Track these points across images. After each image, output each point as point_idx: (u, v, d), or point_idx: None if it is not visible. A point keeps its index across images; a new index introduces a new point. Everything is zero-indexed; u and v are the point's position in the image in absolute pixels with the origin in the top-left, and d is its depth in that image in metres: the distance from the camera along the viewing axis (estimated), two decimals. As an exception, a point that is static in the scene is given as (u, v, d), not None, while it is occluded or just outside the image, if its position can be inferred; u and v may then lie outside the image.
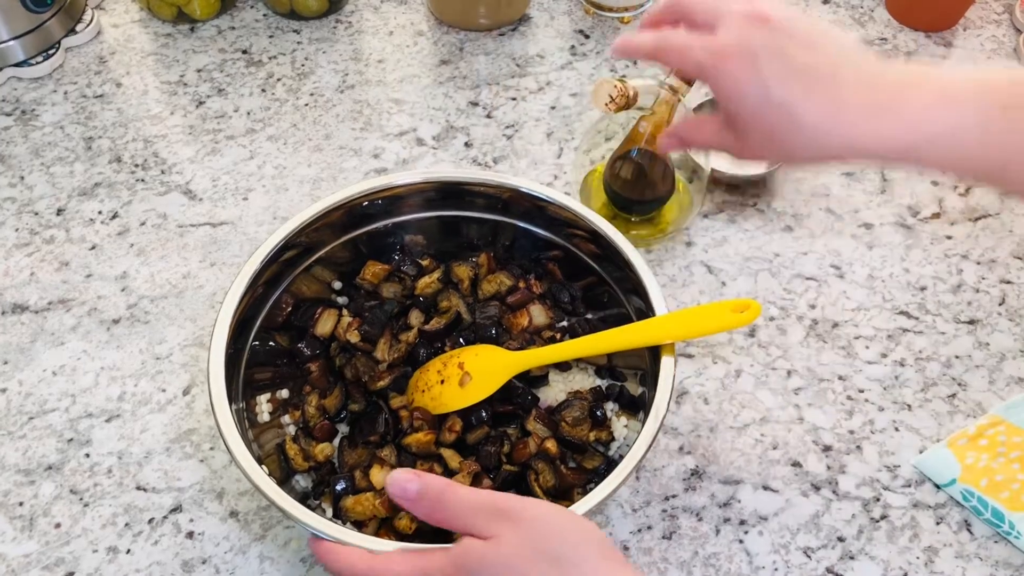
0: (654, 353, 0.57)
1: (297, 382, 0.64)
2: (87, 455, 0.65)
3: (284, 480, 0.59)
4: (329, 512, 0.58)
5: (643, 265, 0.60)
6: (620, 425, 0.63)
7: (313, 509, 0.51)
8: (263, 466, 0.52)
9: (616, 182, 0.75)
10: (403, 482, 0.45)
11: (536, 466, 0.58)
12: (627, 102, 0.66)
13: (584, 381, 0.65)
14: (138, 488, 0.64)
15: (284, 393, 0.64)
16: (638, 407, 0.61)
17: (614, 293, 0.64)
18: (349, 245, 0.67)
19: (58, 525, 0.62)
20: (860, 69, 0.48)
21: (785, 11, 0.50)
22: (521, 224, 0.67)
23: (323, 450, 0.60)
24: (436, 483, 0.45)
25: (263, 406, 0.62)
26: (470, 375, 0.60)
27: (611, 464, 0.58)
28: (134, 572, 0.60)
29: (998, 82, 0.47)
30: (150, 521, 0.62)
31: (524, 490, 0.58)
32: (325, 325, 0.65)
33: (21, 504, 0.63)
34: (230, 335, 0.57)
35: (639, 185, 0.76)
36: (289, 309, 0.64)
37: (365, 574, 0.45)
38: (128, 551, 0.61)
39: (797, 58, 0.48)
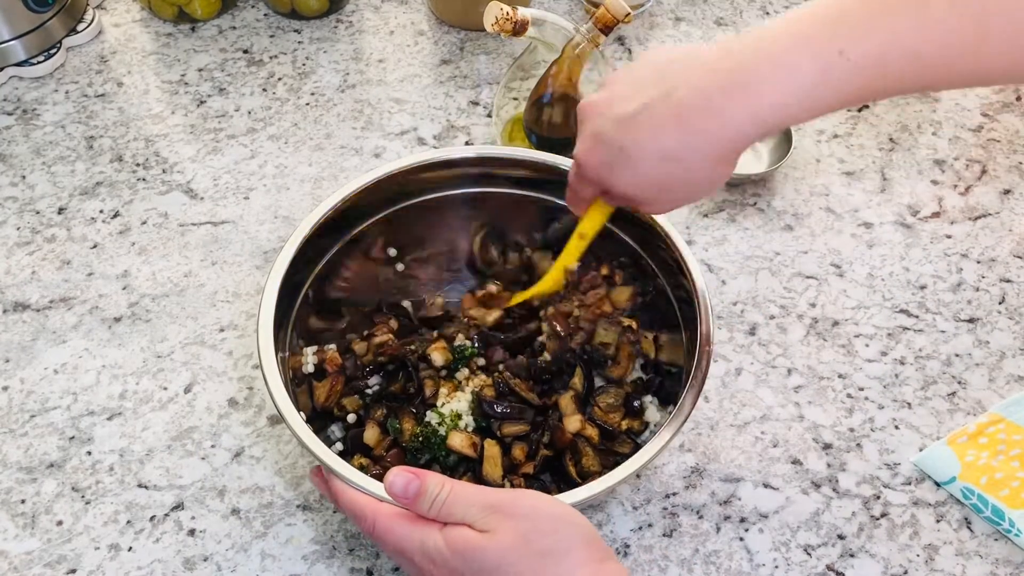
0: (691, 351, 0.58)
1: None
2: (89, 453, 0.65)
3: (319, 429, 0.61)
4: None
5: (679, 239, 0.62)
6: (654, 413, 0.63)
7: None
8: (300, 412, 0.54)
9: (537, 126, 0.78)
10: (404, 482, 0.47)
11: (582, 448, 0.59)
12: (514, 27, 0.70)
13: (632, 373, 0.66)
14: (140, 486, 0.64)
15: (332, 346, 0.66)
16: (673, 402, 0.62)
17: (644, 263, 0.66)
18: (398, 215, 0.68)
19: (60, 523, 0.62)
20: (689, 81, 0.46)
21: (609, 81, 0.51)
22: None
23: (352, 402, 0.62)
24: (435, 481, 0.47)
25: (309, 358, 0.63)
26: None
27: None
28: (136, 570, 0.60)
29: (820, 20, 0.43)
30: (152, 519, 0.62)
31: (560, 472, 0.60)
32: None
33: (23, 502, 0.63)
34: (284, 277, 0.59)
35: (558, 127, 0.77)
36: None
37: (368, 526, 0.47)
38: (130, 548, 0.61)
39: (627, 109, 0.48)
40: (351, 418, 0.62)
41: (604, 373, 0.65)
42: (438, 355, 0.63)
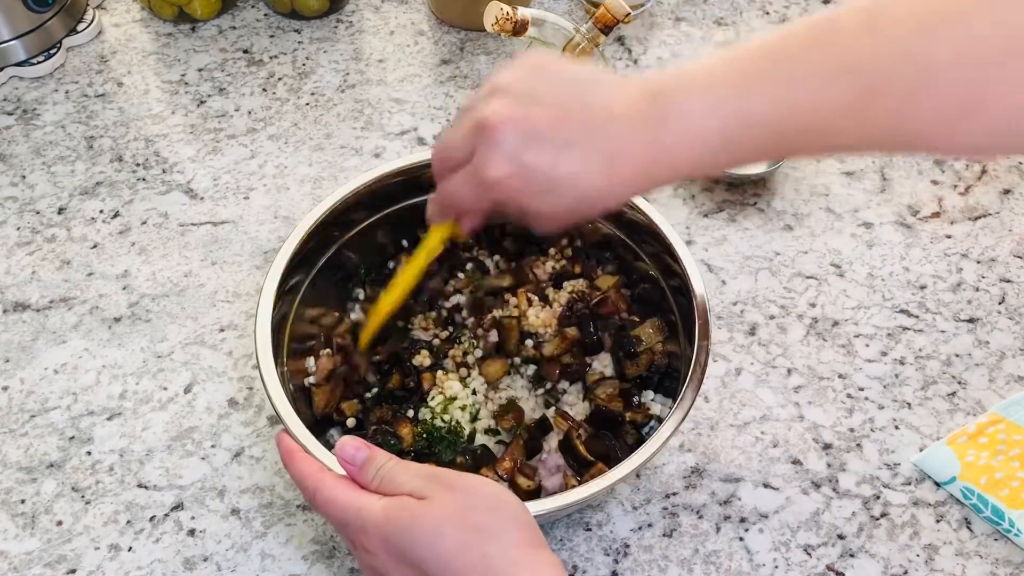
0: (690, 350, 0.58)
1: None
2: (88, 453, 0.65)
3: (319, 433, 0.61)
4: None
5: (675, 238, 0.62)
6: (656, 407, 0.64)
7: None
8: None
9: None
10: (352, 450, 0.47)
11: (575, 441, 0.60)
12: (514, 27, 0.70)
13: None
14: (139, 486, 0.64)
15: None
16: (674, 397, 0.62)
17: (643, 262, 0.66)
18: (398, 215, 0.69)
19: (60, 523, 0.62)
20: (620, 121, 0.46)
21: (510, 88, 0.47)
22: None
23: (351, 407, 0.62)
24: (382, 455, 0.47)
25: (310, 365, 0.64)
26: None
27: (642, 442, 0.59)
28: (136, 570, 0.60)
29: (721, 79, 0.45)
30: (151, 519, 0.62)
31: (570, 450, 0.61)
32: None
33: (23, 502, 0.63)
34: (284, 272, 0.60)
35: None
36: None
37: (310, 492, 0.47)
38: (130, 549, 0.61)
39: (558, 137, 0.46)
40: (351, 422, 0.63)
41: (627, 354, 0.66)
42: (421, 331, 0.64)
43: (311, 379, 0.63)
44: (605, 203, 0.48)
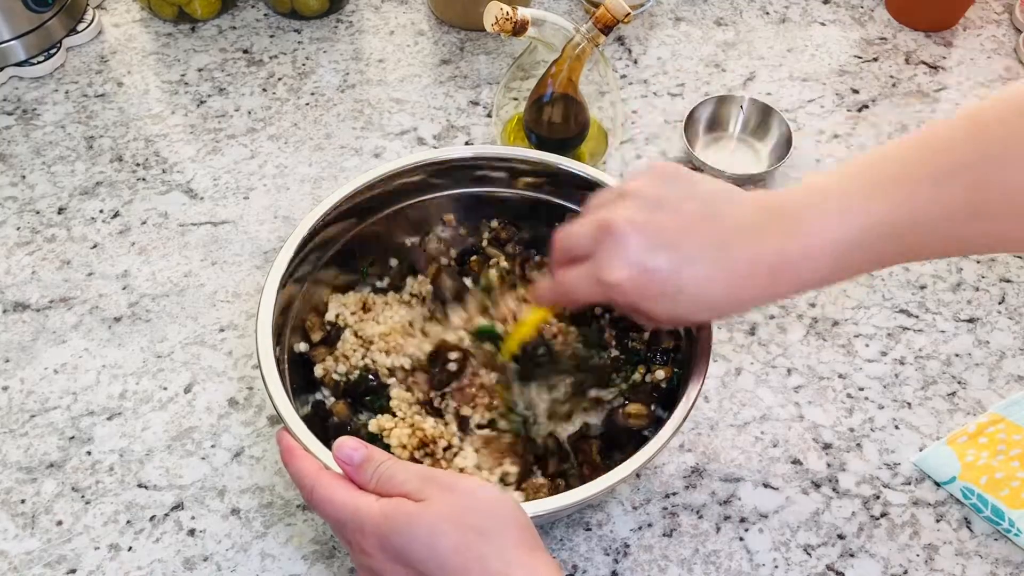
0: (690, 349, 0.58)
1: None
2: (88, 453, 0.65)
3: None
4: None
5: None
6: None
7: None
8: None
9: (537, 126, 0.78)
10: (349, 449, 0.47)
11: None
12: (514, 27, 0.70)
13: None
14: (139, 486, 0.64)
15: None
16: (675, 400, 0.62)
17: None
18: (398, 215, 0.69)
19: (60, 523, 0.62)
20: (745, 240, 0.47)
21: (639, 193, 0.48)
22: (569, 204, 0.68)
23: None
24: (380, 454, 0.47)
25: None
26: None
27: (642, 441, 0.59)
28: (136, 569, 0.60)
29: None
30: (151, 519, 0.62)
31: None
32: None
33: (23, 502, 0.63)
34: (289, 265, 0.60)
35: (557, 127, 0.78)
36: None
37: (307, 491, 0.47)
38: (130, 548, 0.61)
39: (682, 248, 0.47)
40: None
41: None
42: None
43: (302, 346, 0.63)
44: (722, 313, 0.49)
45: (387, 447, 0.58)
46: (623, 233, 0.47)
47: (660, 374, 0.62)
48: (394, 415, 0.60)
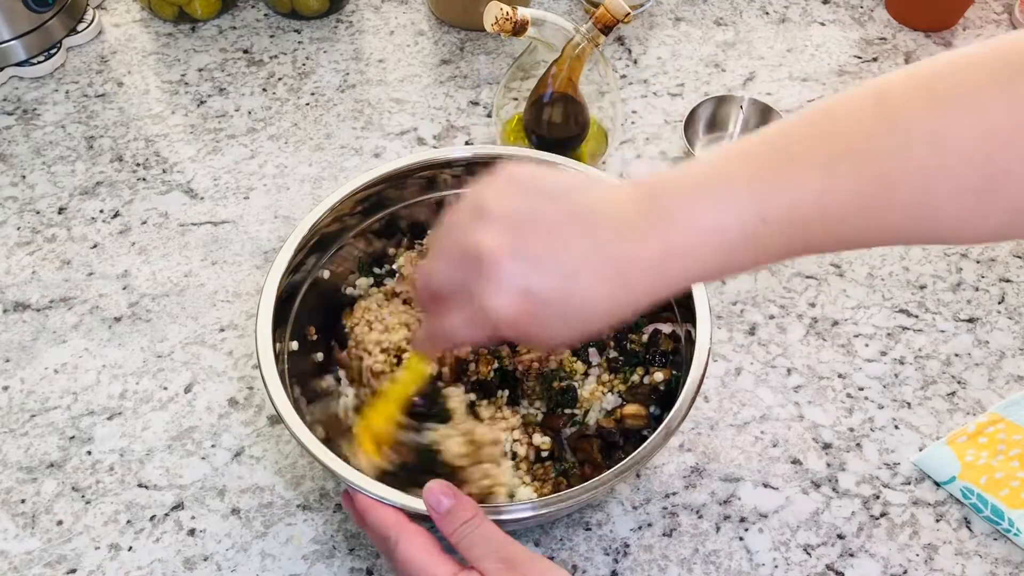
0: (689, 350, 0.58)
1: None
2: (89, 453, 0.65)
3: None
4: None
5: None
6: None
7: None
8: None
9: (537, 126, 0.78)
10: (439, 494, 0.48)
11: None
12: (514, 27, 0.70)
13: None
14: (140, 485, 0.64)
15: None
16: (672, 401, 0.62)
17: None
18: (398, 215, 0.69)
19: (60, 522, 0.62)
20: (617, 229, 0.42)
21: (494, 211, 0.43)
22: None
23: None
24: (468, 508, 0.47)
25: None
26: None
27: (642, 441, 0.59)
28: (136, 569, 0.60)
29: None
30: (152, 518, 0.62)
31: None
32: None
33: (23, 501, 0.63)
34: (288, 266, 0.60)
35: (557, 127, 0.78)
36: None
37: (391, 544, 0.48)
38: (130, 548, 0.61)
39: (557, 264, 0.42)
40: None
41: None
42: None
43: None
44: (616, 319, 0.44)
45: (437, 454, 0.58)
46: (495, 262, 0.41)
47: (659, 376, 0.63)
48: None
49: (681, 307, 0.62)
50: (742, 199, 0.40)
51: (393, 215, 0.68)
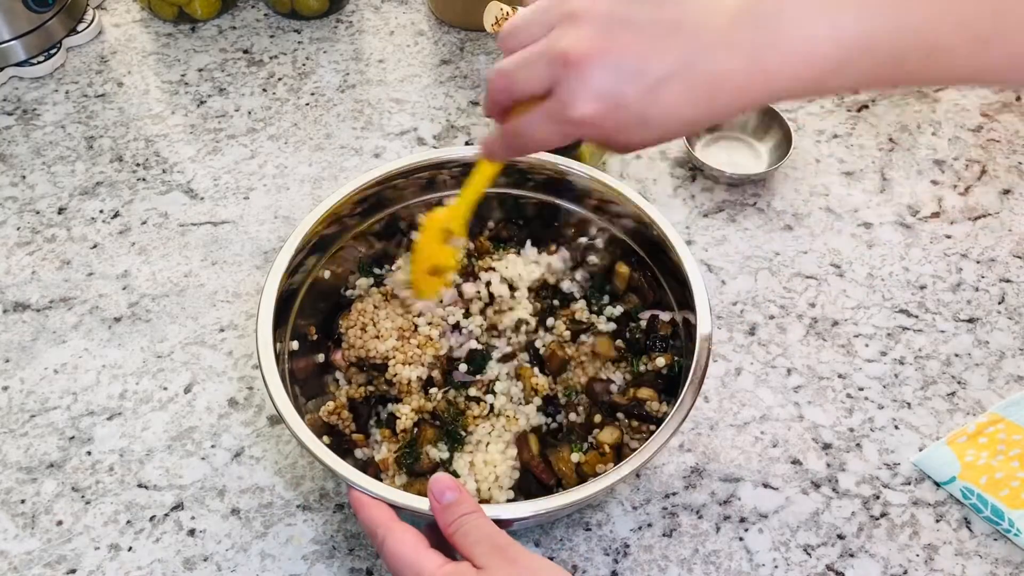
0: (690, 350, 0.58)
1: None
2: (89, 453, 0.65)
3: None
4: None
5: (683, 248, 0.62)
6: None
7: None
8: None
9: None
10: (444, 487, 0.49)
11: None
12: None
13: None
14: (139, 486, 0.64)
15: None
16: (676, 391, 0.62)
17: (643, 262, 0.67)
18: (398, 215, 0.69)
19: (60, 523, 0.62)
20: (714, 52, 0.42)
21: (588, 12, 0.43)
22: (571, 206, 0.69)
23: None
24: (468, 504, 0.48)
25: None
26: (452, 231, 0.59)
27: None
28: (136, 570, 0.60)
29: None
30: (151, 519, 0.62)
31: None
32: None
33: (23, 502, 0.63)
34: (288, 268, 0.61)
35: None
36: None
37: (379, 540, 0.48)
38: (130, 548, 0.61)
39: (648, 72, 0.42)
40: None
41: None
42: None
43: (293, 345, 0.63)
44: (696, 129, 0.43)
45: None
46: (586, 64, 0.41)
47: (660, 361, 0.63)
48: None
49: (678, 295, 0.63)
50: (846, 23, 0.39)
51: (393, 215, 0.68)
